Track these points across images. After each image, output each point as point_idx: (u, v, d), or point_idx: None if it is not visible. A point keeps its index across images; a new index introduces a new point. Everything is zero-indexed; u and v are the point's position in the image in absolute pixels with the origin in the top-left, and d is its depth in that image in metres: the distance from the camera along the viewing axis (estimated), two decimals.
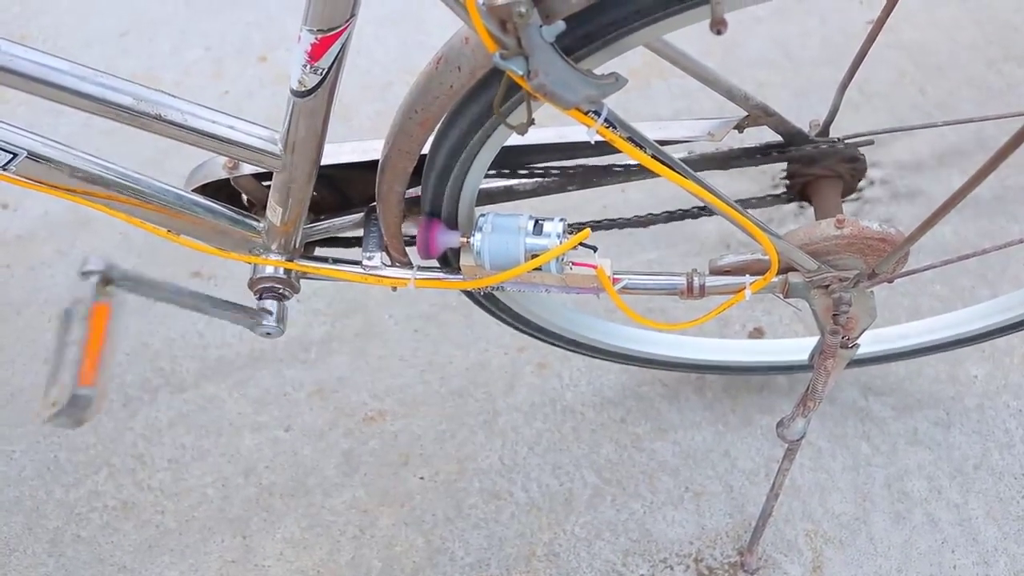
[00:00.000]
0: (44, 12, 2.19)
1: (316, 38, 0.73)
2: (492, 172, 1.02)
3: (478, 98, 0.80)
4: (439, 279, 1.02)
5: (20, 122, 0.86)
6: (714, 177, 0.96)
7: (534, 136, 1.00)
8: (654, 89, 1.87)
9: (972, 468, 1.36)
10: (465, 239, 0.93)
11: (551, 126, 1.01)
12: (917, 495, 1.34)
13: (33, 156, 0.86)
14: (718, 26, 0.59)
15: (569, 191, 1.08)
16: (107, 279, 0.92)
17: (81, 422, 0.89)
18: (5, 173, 0.87)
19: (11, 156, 0.85)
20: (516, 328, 1.23)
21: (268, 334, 1.03)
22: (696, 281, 1.00)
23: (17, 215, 1.79)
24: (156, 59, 2.07)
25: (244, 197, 1.03)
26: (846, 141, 1.05)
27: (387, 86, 1.96)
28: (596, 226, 1.13)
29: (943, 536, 1.30)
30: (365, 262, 1.02)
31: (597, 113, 0.73)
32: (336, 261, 1.04)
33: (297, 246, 1.02)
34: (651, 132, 1.00)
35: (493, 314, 1.18)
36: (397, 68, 2.00)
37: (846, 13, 1.97)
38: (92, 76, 0.80)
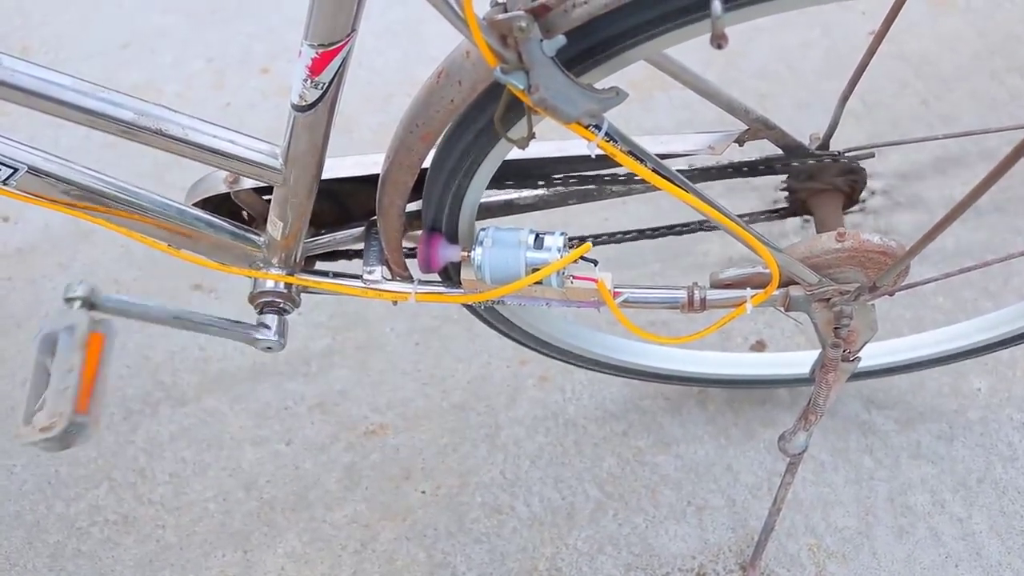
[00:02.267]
0: (46, 24, 2.20)
1: (317, 53, 0.73)
2: (493, 186, 1.02)
3: (479, 112, 0.79)
4: (440, 293, 1.02)
5: (21, 136, 0.86)
6: (714, 190, 0.96)
7: (535, 150, 1.00)
8: (655, 101, 1.87)
9: (975, 482, 1.36)
10: (466, 253, 0.93)
11: (552, 140, 1.01)
12: (920, 509, 1.34)
13: (34, 171, 0.86)
14: (719, 40, 0.58)
15: (570, 205, 1.08)
16: (91, 304, 0.92)
17: (69, 447, 0.90)
18: (6, 188, 0.87)
19: (12, 171, 0.85)
20: (518, 342, 1.22)
21: (269, 348, 1.03)
22: (697, 295, 1.00)
23: (18, 228, 1.79)
24: (157, 71, 2.07)
25: (245, 211, 1.03)
26: (847, 154, 1.05)
27: (388, 98, 1.96)
28: (597, 239, 1.13)
29: (946, 551, 1.30)
30: (366, 276, 1.02)
31: (598, 127, 0.73)
32: (337, 275, 1.04)
33: (298, 260, 1.02)
34: (652, 146, 1.00)
35: (495, 327, 1.18)
36: (398, 80, 2.00)
37: (848, 24, 1.97)
38: (93, 91, 0.80)
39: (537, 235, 0.91)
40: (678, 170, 0.82)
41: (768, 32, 1.97)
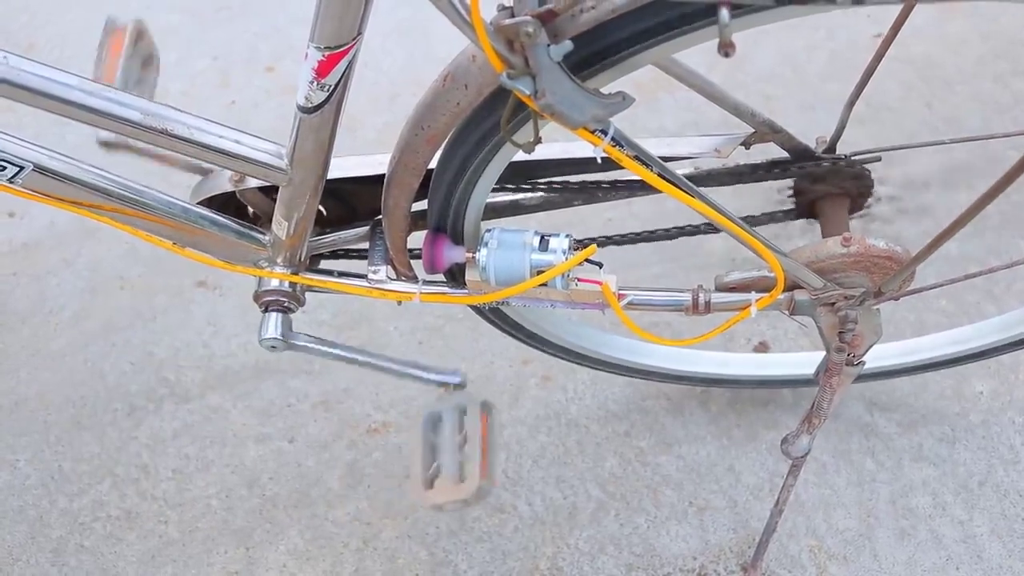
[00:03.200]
0: (51, 22, 2.20)
1: (323, 55, 0.73)
2: (498, 187, 1.02)
3: (485, 116, 0.79)
4: (444, 294, 1.02)
5: (27, 133, 0.86)
6: (720, 193, 0.96)
7: (541, 152, 1.00)
8: (661, 103, 1.87)
9: (977, 485, 1.36)
10: (471, 254, 0.93)
11: (558, 142, 1.01)
12: (922, 511, 1.34)
13: (39, 169, 0.86)
14: (726, 48, 0.58)
15: (575, 206, 1.08)
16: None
17: (472, 506, 1.19)
18: (12, 186, 0.87)
19: (18, 169, 0.85)
20: (521, 341, 1.22)
21: (273, 347, 1.03)
22: (702, 298, 1.00)
23: (23, 223, 1.79)
24: (163, 69, 2.06)
25: (250, 210, 1.03)
26: (853, 158, 1.05)
27: (394, 98, 1.96)
28: (602, 241, 1.13)
29: (947, 553, 1.30)
30: (370, 276, 1.02)
31: (604, 132, 0.73)
32: (341, 274, 1.04)
33: (303, 259, 1.02)
34: (657, 149, 0.99)
35: (498, 327, 1.18)
36: (404, 80, 2.00)
37: (853, 27, 1.97)
38: (99, 91, 0.80)
39: (542, 237, 0.91)
40: (683, 174, 0.82)
41: (773, 35, 1.96)
